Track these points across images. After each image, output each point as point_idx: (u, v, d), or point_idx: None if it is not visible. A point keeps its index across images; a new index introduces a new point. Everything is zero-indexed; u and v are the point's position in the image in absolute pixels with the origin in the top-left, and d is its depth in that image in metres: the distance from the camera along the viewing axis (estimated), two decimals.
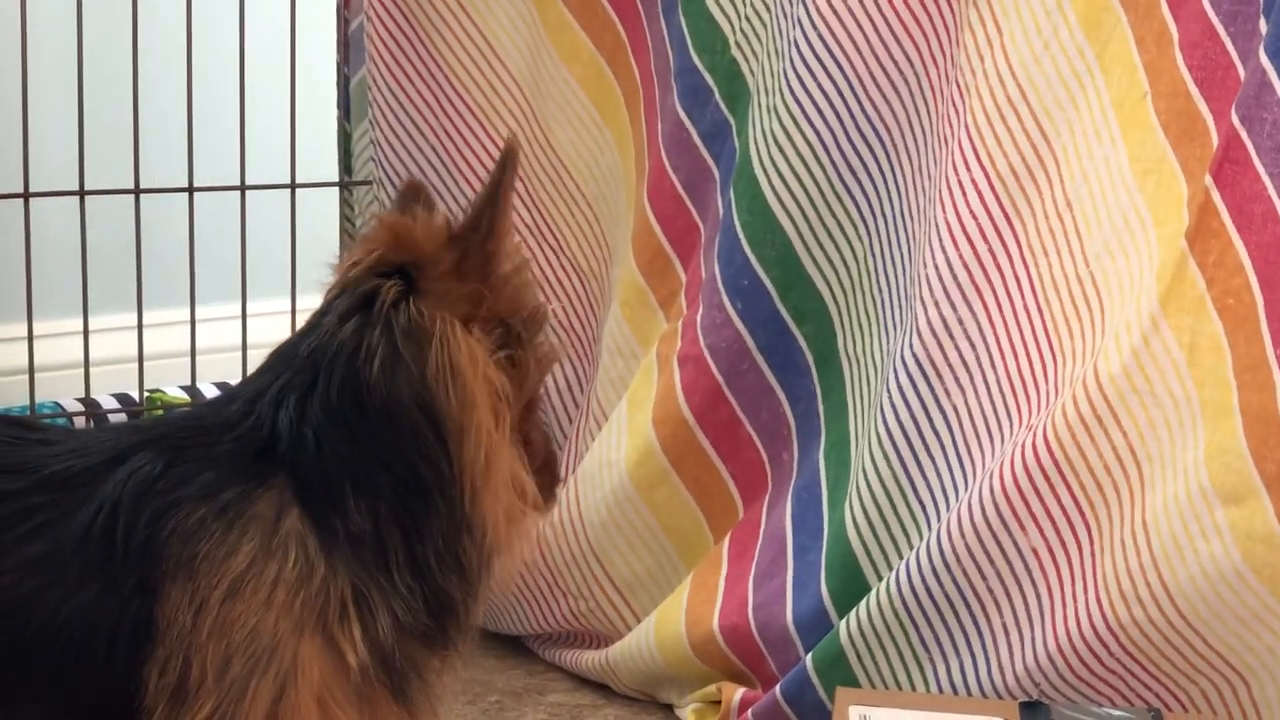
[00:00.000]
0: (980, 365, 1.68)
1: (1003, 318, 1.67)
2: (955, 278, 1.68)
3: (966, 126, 1.69)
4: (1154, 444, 1.54)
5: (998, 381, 1.67)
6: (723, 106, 1.91)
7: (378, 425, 1.22)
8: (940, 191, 1.70)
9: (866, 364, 1.81)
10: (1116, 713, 1.49)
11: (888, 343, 1.78)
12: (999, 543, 1.61)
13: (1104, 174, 1.61)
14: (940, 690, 1.67)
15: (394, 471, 1.22)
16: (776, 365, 1.87)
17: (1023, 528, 1.60)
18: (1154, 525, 1.53)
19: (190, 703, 1.16)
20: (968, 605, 1.65)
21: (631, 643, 1.91)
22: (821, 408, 1.85)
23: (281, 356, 1.26)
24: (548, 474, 1.34)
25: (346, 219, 2.40)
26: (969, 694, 1.66)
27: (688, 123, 1.93)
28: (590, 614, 1.98)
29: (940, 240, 1.69)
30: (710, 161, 1.93)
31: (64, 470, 1.21)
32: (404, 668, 1.22)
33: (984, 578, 1.63)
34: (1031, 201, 1.66)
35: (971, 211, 1.67)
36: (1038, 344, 1.65)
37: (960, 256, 1.68)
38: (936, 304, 1.68)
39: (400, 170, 2.11)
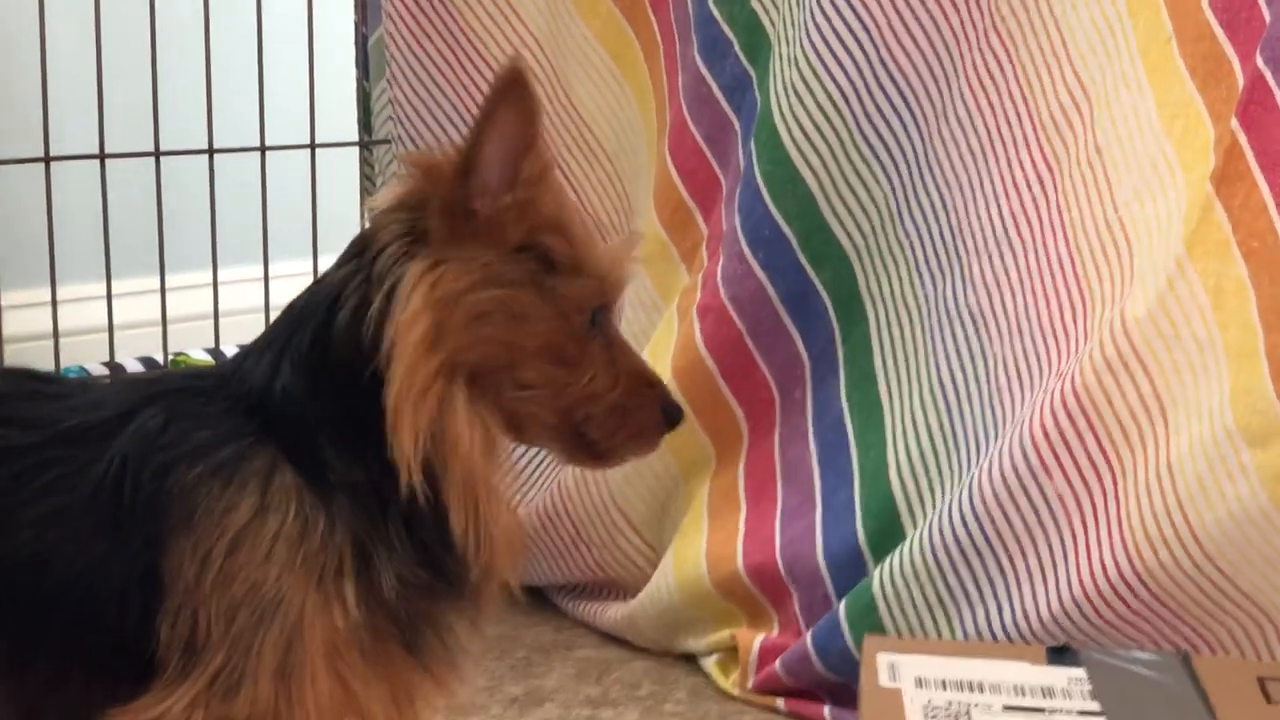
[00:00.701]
0: (1019, 313, 1.68)
1: (1039, 266, 1.67)
2: (1005, 229, 1.69)
3: (1016, 78, 1.69)
4: (1179, 388, 1.54)
5: (1031, 331, 1.67)
6: (743, 58, 1.90)
7: (345, 377, 1.19)
8: (995, 142, 1.70)
9: (896, 305, 1.81)
10: (1145, 655, 1.49)
11: (923, 286, 1.78)
12: (1025, 490, 1.61)
13: (1132, 120, 1.61)
14: (967, 636, 1.68)
15: (369, 424, 1.19)
16: (796, 312, 1.87)
17: (1049, 474, 1.60)
18: (1179, 468, 1.53)
19: (201, 655, 1.17)
20: (994, 552, 1.65)
21: (651, 585, 1.92)
22: (841, 348, 1.85)
23: (284, 310, 1.26)
24: (623, 417, 1.27)
25: (367, 178, 2.40)
26: (994, 638, 1.66)
27: (708, 75, 1.92)
28: (614, 563, 1.99)
29: (994, 191, 1.69)
30: (731, 114, 1.92)
31: (79, 424, 1.21)
32: (413, 621, 1.21)
33: (1010, 525, 1.63)
34: (1069, 148, 1.66)
35: (1020, 162, 1.68)
36: (1069, 291, 1.65)
37: (1009, 207, 1.68)
38: (989, 255, 1.69)
39: (420, 128, 2.11)
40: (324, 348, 1.20)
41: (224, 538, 1.17)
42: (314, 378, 1.20)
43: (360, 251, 1.22)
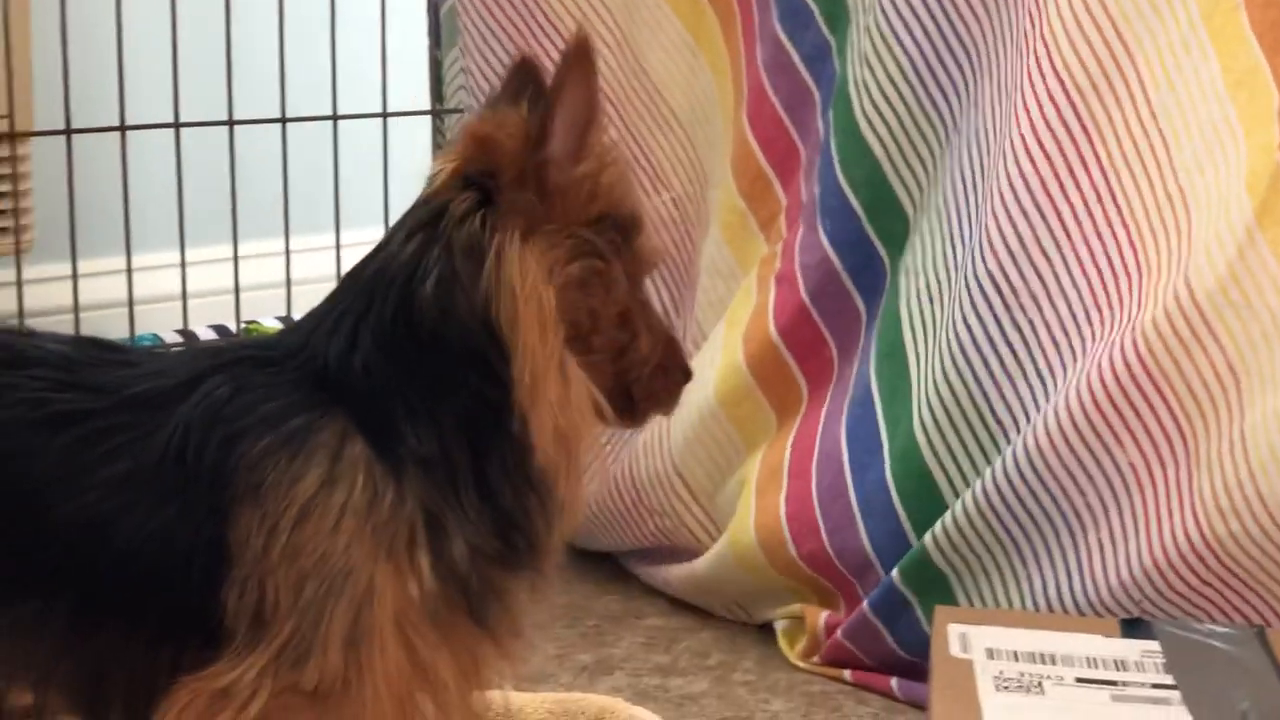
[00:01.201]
0: (1058, 281, 1.66)
1: (1081, 233, 1.65)
2: (1031, 193, 1.66)
3: (1043, 37, 1.66)
4: (1252, 358, 1.53)
5: (1079, 297, 1.65)
6: (824, 28, 1.90)
7: (430, 348, 1.20)
8: (1015, 106, 1.69)
9: (926, 276, 1.79)
10: (1219, 629, 1.48)
11: (954, 256, 1.77)
12: (1096, 458, 1.61)
13: (1194, 86, 1.59)
14: (1035, 606, 1.67)
15: (453, 394, 1.20)
16: (863, 287, 1.86)
17: (1120, 443, 1.60)
18: (1251, 439, 1.52)
19: (269, 625, 1.17)
20: (1065, 520, 1.64)
21: (717, 561, 1.92)
22: (878, 322, 1.84)
23: (348, 279, 1.25)
24: (664, 378, 1.30)
25: (438, 147, 2.40)
26: (1064, 609, 1.65)
27: (788, 45, 1.92)
28: (675, 530, 1.99)
29: (1015, 155, 1.67)
30: (811, 83, 1.92)
31: (145, 391, 1.21)
32: (481, 591, 1.21)
33: (1082, 493, 1.62)
34: (1111, 114, 1.63)
35: (1048, 124, 1.65)
36: (1122, 258, 1.63)
37: (1037, 172, 1.66)
38: (1011, 220, 1.67)
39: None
40: (407, 320, 1.20)
41: (291, 509, 1.17)
42: (395, 350, 1.20)
43: (432, 222, 1.21)
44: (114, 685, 1.21)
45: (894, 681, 1.77)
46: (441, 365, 1.20)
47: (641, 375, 1.28)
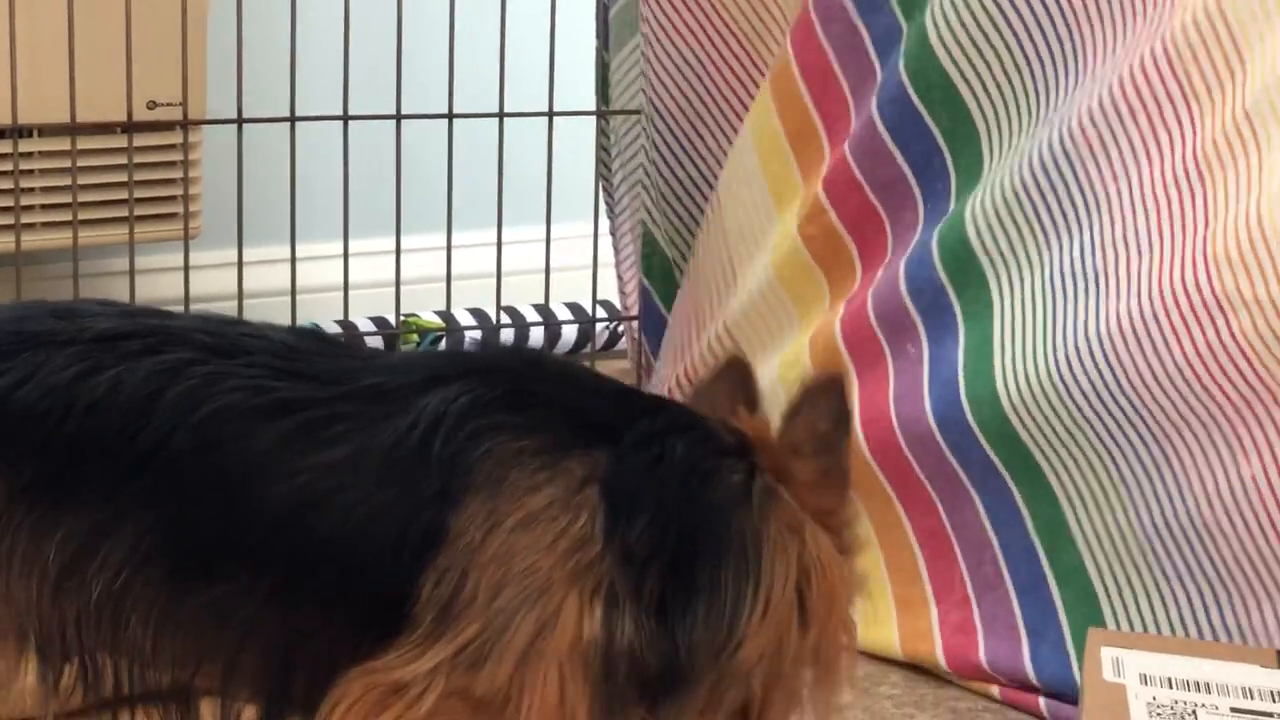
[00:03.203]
0: (1140, 272, 1.64)
1: (1171, 233, 1.63)
2: (1144, 197, 1.65)
3: (1171, 42, 1.65)
4: None
5: (1158, 289, 1.63)
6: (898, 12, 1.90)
7: (707, 503, 1.22)
8: (1144, 105, 1.67)
9: (1019, 265, 1.78)
10: None
11: (1047, 247, 1.75)
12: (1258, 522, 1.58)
13: None
14: (1185, 632, 1.65)
15: (689, 542, 1.22)
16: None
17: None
18: None
19: (456, 621, 1.18)
20: (1226, 564, 1.62)
21: None
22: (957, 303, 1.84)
23: (676, 415, 1.28)
24: None
25: (603, 148, 2.42)
26: (1214, 637, 1.63)
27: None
28: None
29: (1133, 154, 1.66)
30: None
31: (378, 385, 1.22)
32: (624, 689, 1.21)
33: (1246, 551, 1.60)
34: (1216, 111, 1.61)
35: (1166, 126, 1.64)
36: (1205, 261, 1.60)
37: (1151, 175, 1.64)
38: (1123, 220, 1.65)
39: (668, 100, 2.13)
40: (706, 476, 1.22)
41: (519, 513, 1.18)
42: (687, 479, 1.22)
43: (747, 450, 1.25)
44: (299, 672, 1.22)
45: (1043, 701, 1.75)
46: (700, 519, 1.21)
47: None
